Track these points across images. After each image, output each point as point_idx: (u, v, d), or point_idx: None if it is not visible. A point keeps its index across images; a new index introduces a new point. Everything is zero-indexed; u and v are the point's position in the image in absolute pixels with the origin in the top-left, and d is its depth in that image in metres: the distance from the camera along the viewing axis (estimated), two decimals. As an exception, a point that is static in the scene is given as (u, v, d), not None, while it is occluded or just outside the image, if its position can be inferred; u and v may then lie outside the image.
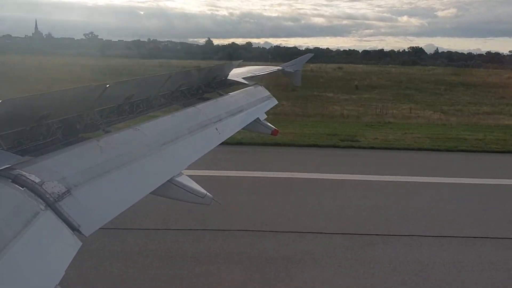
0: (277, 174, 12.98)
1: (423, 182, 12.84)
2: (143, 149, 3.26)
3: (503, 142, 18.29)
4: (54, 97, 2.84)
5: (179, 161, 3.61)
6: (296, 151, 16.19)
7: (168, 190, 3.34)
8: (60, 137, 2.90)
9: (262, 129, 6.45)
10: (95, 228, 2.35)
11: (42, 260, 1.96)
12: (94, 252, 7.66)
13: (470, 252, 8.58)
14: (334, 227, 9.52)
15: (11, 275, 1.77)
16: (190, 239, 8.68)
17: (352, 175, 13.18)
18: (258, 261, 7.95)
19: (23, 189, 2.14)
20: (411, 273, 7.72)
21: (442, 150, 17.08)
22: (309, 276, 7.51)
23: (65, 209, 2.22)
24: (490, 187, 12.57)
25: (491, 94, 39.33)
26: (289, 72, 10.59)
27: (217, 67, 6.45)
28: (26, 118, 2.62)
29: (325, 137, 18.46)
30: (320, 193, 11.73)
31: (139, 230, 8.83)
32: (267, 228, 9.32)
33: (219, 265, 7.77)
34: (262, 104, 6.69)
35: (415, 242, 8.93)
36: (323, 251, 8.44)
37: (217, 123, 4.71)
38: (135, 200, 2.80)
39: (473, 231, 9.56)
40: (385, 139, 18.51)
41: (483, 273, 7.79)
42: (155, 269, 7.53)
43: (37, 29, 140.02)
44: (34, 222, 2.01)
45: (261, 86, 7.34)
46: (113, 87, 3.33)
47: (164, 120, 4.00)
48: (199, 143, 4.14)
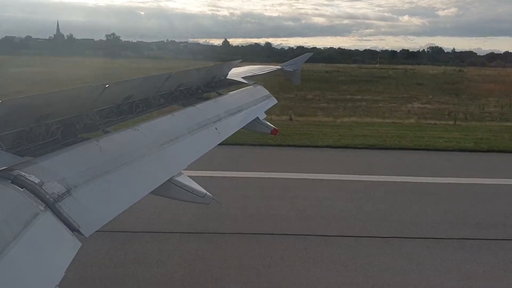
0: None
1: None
2: (142, 149, 3.26)
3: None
4: (53, 98, 2.84)
5: (179, 161, 3.61)
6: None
7: (168, 190, 3.34)
8: (59, 137, 2.89)
9: (262, 129, 6.46)
10: (95, 229, 2.35)
11: (42, 261, 1.95)
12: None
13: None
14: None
15: (11, 276, 1.76)
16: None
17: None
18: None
19: (23, 189, 2.13)
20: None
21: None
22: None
23: (64, 209, 2.22)
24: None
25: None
26: (288, 72, 10.61)
27: (216, 66, 6.45)
28: (25, 119, 2.62)
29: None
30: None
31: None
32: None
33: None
34: (261, 103, 6.70)
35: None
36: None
37: (217, 122, 4.71)
38: (135, 200, 2.80)
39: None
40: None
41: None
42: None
43: (59, 30, 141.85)
44: (33, 223, 2.01)
45: (260, 86, 7.34)
46: (113, 87, 3.33)
47: (163, 120, 4.00)
48: (199, 143, 4.14)
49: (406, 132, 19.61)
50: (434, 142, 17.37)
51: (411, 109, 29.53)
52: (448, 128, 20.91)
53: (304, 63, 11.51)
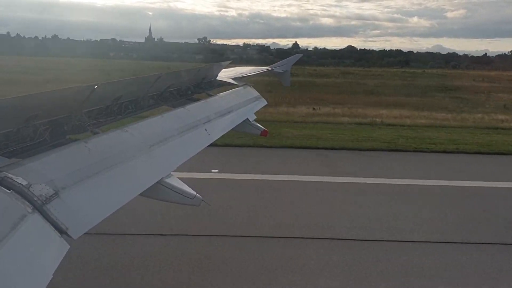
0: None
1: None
2: (132, 150, 3.24)
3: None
4: (41, 98, 2.81)
5: (168, 162, 3.60)
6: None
7: (158, 192, 3.32)
8: (47, 138, 2.87)
9: (252, 130, 6.47)
10: (83, 231, 2.33)
11: (30, 263, 1.94)
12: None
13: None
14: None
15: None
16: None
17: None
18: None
19: (10, 191, 2.11)
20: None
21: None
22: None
23: (52, 211, 2.20)
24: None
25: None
26: (278, 73, 10.63)
27: (206, 67, 6.46)
28: (13, 120, 2.59)
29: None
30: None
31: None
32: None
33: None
34: (251, 104, 6.70)
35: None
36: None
37: (207, 124, 4.71)
38: (124, 202, 2.79)
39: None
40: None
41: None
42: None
43: (150, 34, 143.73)
44: (21, 225, 1.99)
45: (250, 87, 7.35)
46: (102, 88, 3.31)
47: (153, 121, 3.98)
48: (189, 144, 4.13)
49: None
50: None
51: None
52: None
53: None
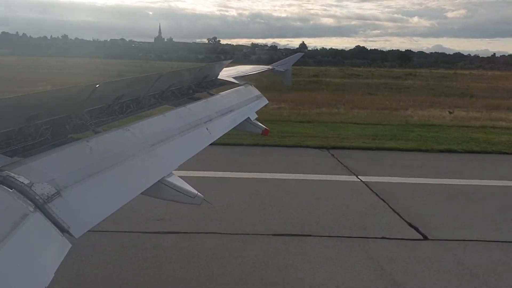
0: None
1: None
2: (133, 149, 3.25)
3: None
4: (43, 98, 2.82)
5: (170, 161, 3.61)
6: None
7: (159, 191, 3.33)
8: (49, 137, 2.87)
9: (253, 129, 6.48)
10: (85, 230, 2.34)
11: (31, 262, 1.94)
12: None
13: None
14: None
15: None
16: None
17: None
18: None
19: (12, 190, 2.11)
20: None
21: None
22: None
23: (54, 210, 2.20)
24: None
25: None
26: (279, 72, 10.64)
27: (207, 66, 6.47)
28: (14, 119, 2.60)
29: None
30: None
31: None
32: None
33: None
34: (252, 103, 6.72)
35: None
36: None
37: (208, 123, 4.71)
38: (125, 201, 2.79)
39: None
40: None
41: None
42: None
43: (160, 33, 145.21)
44: (23, 224, 2.00)
45: (251, 86, 7.36)
46: (103, 87, 3.32)
47: (154, 120, 3.99)
48: (190, 143, 4.14)
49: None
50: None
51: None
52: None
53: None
